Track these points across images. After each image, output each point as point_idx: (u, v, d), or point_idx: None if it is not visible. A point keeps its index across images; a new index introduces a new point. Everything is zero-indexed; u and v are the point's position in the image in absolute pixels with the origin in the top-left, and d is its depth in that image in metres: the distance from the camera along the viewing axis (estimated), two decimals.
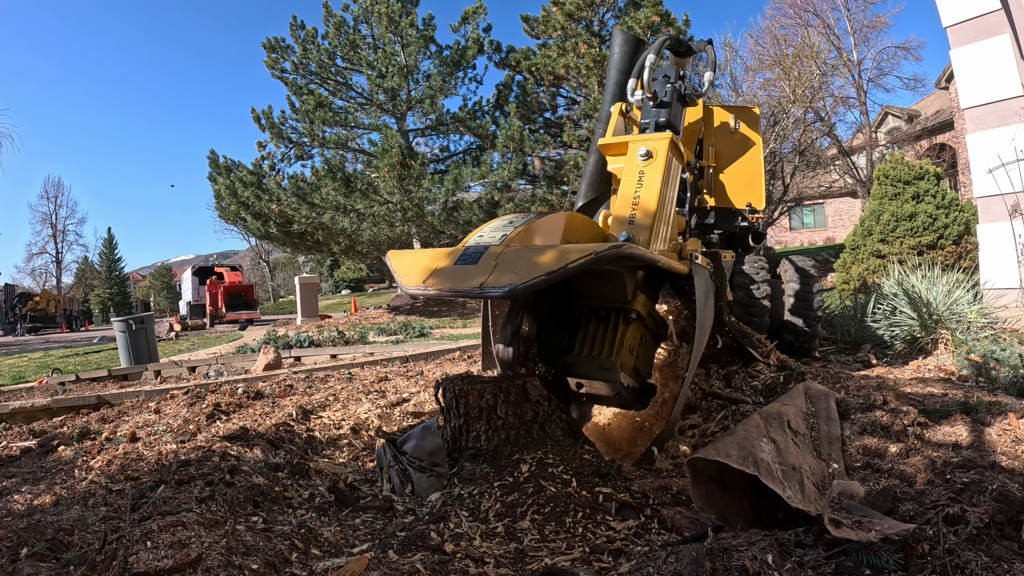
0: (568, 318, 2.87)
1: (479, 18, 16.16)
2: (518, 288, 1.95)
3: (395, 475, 2.58)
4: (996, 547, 1.44)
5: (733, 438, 1.95)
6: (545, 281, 1.95)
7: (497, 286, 1.99)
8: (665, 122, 3.24)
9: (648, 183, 2.81)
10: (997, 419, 2.74)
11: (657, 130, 3.20)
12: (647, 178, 2.83)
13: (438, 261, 2.27)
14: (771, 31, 23.15)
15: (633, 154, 2.95)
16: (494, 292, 2.00)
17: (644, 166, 2.88)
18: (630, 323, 2.68)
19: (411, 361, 6.10)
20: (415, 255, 2.42)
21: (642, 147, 2.93)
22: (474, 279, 2.07)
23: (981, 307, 4.64)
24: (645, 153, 2.90)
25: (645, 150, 2.91)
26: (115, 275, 53.16)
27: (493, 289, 1.99)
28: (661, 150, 2.91)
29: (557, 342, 2.86)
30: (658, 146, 2.93)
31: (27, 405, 4.64)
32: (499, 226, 2.46)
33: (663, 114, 3.27)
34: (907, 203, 7.30)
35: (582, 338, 2.77)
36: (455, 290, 2.11)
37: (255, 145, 16.46)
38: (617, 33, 4.03)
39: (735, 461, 1.81)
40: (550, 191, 15.27)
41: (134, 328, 8.93)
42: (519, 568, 1.85)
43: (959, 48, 6.85)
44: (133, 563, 1.56)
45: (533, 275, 1.95)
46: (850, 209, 27.30)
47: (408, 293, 2.28)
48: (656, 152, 2.90)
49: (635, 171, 2.90)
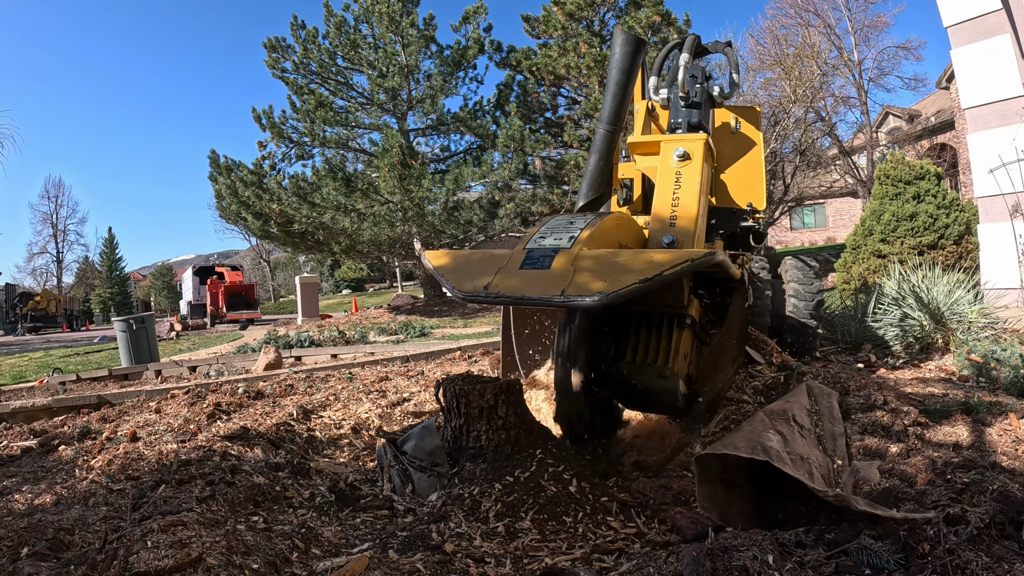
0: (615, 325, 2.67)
1: (480, 18, 16.15)
2: (610, 297, 1.82)
3: (395, 475, 2.58)
4: (996, 547, 1.44)
5: (740, 433, 1.95)
6: (639, 289, 1.84)
7: (584, 294, 1.85)
8: (697, 123, 3.20)
9: (687, 185, 2.77)
10: (998, 419, 2.74)
11: (690, 130, 3.16)
12: (685, 180, 2.79)
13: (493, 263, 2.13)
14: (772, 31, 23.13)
15: (667, 154, 2.91)
16: (582, 301, 1.86)
17: (681, 167, 2.84)
18: (683, 328, 2.55)
19: (412, 361, 6.10)
20: (460, 256, 2.29)
21: (679, 148, 2.89)
22: (551, 285, 1.93)
23: (982, 307, 4.64)
24: (682, 154, 2.86)
25: (682, 151, 2.87)
26: (116, 275, 53.16)
27: (580, 298, 1.86)
28: (697, 151, 2.88)
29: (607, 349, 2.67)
30: (694, 147, 2.90)
31: (28, 405, 4.64)
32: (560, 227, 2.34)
33: (695, 115, 3.23)
34: (908, 203, 7.29)
35: (635, 345, 2.59)
36: (528, 297, 1.95)
37: (256, 145, 16.45)
38: (618, 33, 4.02)
39: (743, 451, 1.81)
40: (551, 191, 15.26)
41: (135, 328, 8.93)
42: (519, 568, 1.85)
43: (960, 48, 6.84)
44: (134, 562, 1.57)
45: (626, 283, 1.83)
46: (851, 209, 27.29)
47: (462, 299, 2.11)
48: (693, 153, 2.87)
49: (671, 172, 2.85)
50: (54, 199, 48.69)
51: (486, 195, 15.30)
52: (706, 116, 3.30)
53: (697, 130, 3.14)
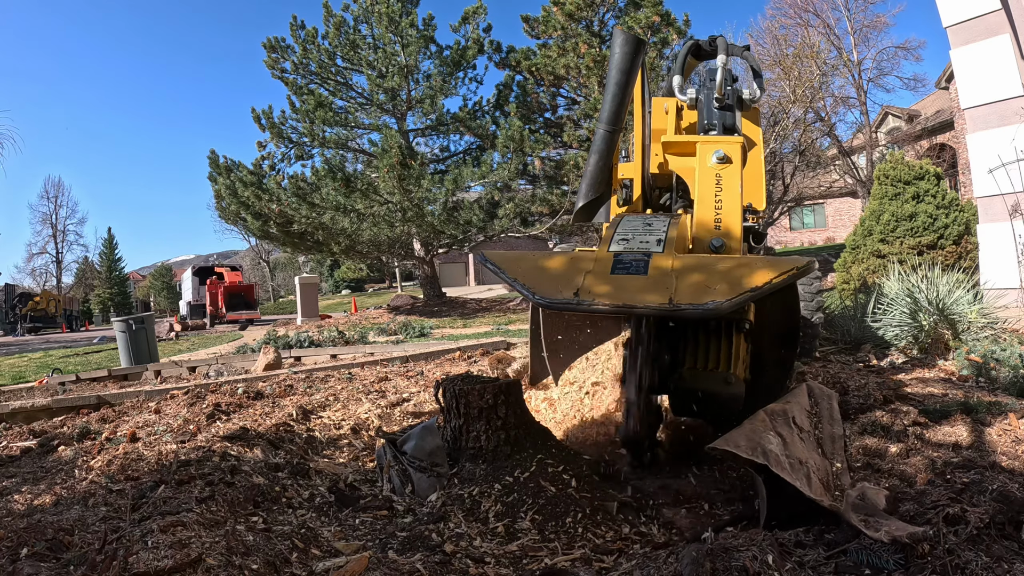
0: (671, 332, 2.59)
1: (479, 18, 16.15)
2: (724, 306, 1.77)
3: (395, 475, 2.58)
4: (996, 547, 1.44)
5: (741, 431, 1.95)
6: (751, 298, 1.81)
7: (696, 303, 1.79)
8: (732, 125, 3.20)
9: (728, 187, 2.77)
10: (997, 419, 2.74)
11: (725, 133, 3.15)
12: (726, 183, 2.79)
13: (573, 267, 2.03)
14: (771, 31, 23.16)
15: (705, 156, 2.90)
16: (694, 310, 1.80)
17: (720, 169, 2.84)
18: (741, 332, 2.50)
19: (411, 361, 6.10)
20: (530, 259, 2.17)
21: (719, 150, 2.89)
22: (655, 293, 1.85)
23: (981, 307, 4.64)
24: (722, 157, 2.86)
25: (722, 154, 2.86)
26: (115, 275, 53.15)
27: (691, 307, 1.79)
28: (736, 155, 2.88)
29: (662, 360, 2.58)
30: (733, 150, 2.90)
31: (27, 405, 4.64)
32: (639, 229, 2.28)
33: (729, 117, 3.22)
34: (907, 203, 7.30)
35: (693, 352, 2.54)
36: (632, 306, 1.84)
37: (255, 145, 16.47)
38: (618, 33, 4.01)
39: (744, 451, 1.81)
40: (550, 191, 15.26)
41: (134, 328, 8.93)
42: (519, 568, 1.85)
43: (959, 48, 6.85)
44: (133, 563, 1.56)
45: (737, 292, 1.78)
46: (850, 209, 27.30)
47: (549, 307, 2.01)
48: (732, 156, 2.87)
49: (711, 174, 2.84)
50: (53, 199, 48.73)
51: (486, 195, 15.30)
52: (739, 118, 3.30)
53: (732, 132, 3.13)
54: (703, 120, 3.33)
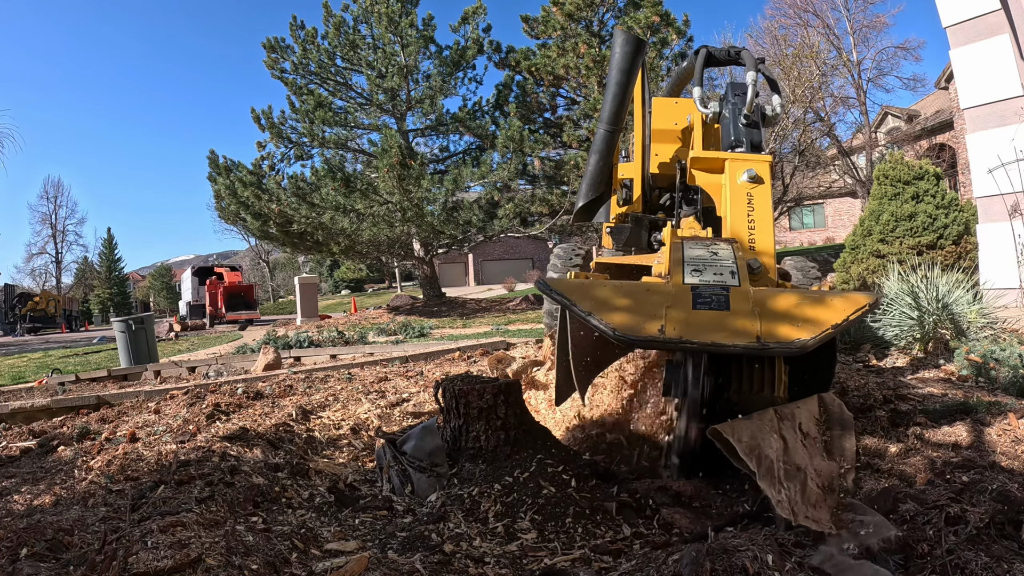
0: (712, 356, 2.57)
1: (479, 18, 16.16)
2: (811, 343, 1.77)
3: (395, 475, 2.58)
4: (996, 547, 1.44)
5: (748, 423, 1.94)
6: (833, 335, 1.81)
7: (784, 341, 1.80)
8: (759, 142, 3.17)
9: (760, 207, 2.76)
10: (997, 419, 2.74)
11: (752, 150, 3.11)
12: (758, 202, 2.78)
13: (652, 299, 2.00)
14: (771, 31, 23.20)
15: (735, 174, 2.88)
16: (781, 349, 1.82)
17: (751, 188, 2.82)
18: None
19: (411, 361, 6.10)
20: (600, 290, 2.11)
21: (751, 169, 2.87)
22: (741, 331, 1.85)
23: (981, 307, 4.64)
24: (754, 176, 2.84)
25: (754, 173, 2.85)
26: (115, 275, 53.16)
27: (778, 345, 1.81)
28: (767, 174, 2.87)
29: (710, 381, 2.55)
30: (763, 169, 2.88)
31: (27, 405, 4.63)
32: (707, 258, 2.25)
33: (757, 134, 3.18)
34: (907, 203, 7.29)
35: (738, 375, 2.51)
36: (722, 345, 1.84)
37: (255, 145, 16.48)
38: (618, 33, 4.01)
39: (742, 450, 1.81)
40: (550, 191, 15.27)
41: (134, 328, 8.93)
42: (519, 568, 1.85)
43: (959, 48, 6.85)
44: (133, 563, 1.56)
45: (821, 329, 1.80)
46: (850, 209, 27.32)
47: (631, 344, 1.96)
48: (764, 176, 2.86)
49: (742, 192, 2.82)
50: (53, 200, 48.75)
51: (485, 195, 15.30)
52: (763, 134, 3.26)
53: (759, 150, 3.11)
54: (728, 136, 3.29)
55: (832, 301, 1.93)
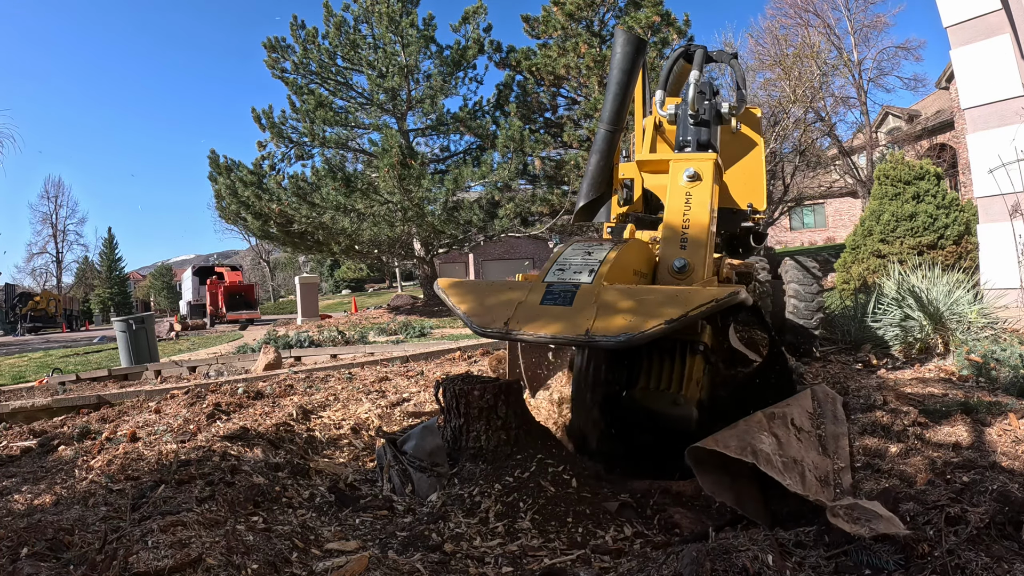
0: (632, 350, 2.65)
1: (479, 18, 16.14)
2: (635, 338, 1.82)
3: (395, 475, 2.58)
4: (996, 547, 1.44)
5: (733, 431, 1.95)
6: (665, 331, 1.83)
7: (609, 335, 1.85)
8: (707, 141, 3.16)
9: (697, 206, 2.75)
10: (997, 419, 2.74)
11: (699, 149, 3.11)
12: (695, 200, 2.77)
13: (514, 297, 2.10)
14: (771, 31, 23.16)
15: (678, 174, 2.88)
16: (607, 341, 1.87)
17: (691, 188, 2.82)
18: (696, 355, 2.54)
19: (411, 361, 6.10)
20: (476, 288, 2.26)
21: (689, 168, 2.86)
22: (575, 323, 1.91)
23: (981, 307, 4.64)
24: (693, 175, 2.84)
25: (693, 171, 2.85)
26: (115, 275, 53.15)
27: (604, 338, 1.86)
28: (708, 172, 2.86)
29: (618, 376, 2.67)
30: (705, 167, 2.87)
31: (27, 405, 4.64)
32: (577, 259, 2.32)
33: (704, 133, 3.19)
34: (907, 203, 7.30)
35: (647, 371, 2.58)
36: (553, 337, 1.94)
37: (255, 145, 16.46)
38: (619, 33, 4.01)
39: (733, 451, 1.81)
40: (550, 191, 15.25)
41: (134, 328, 8.93)
42: (519, 568, 1.85)
43: (959, 48, 6.84)
44: (133, 563, 1.56)
45: (651, 324, 1.82)
46: (850, 209, 27.29)
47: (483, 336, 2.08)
48: (704, 174, 2.85)
49: (681, 192, 2.83)
50: (54, 199, 48.69)
51: (486, 195, 15.29)
52: (714, 134, 3.25)
53: (706, 149, 3.09)
54: (679, 136, 3.29)
55: (678, 298, 1.95)
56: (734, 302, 1.97)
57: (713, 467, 1.93)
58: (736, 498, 1.90)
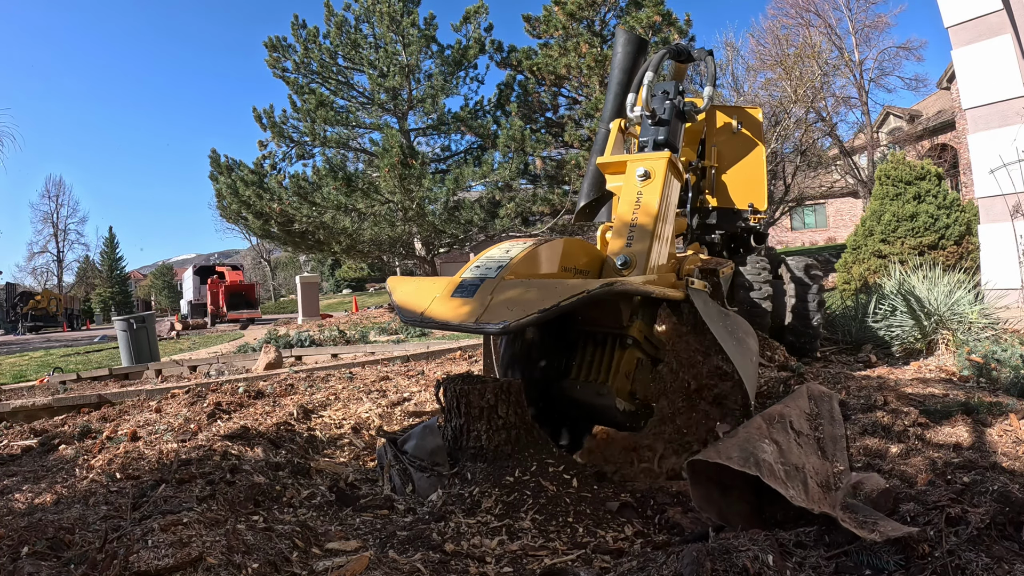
0: (568, 342, 2.87)
1: (480, 18, 16.15)
2: (511, 326, 1.97)
3: (396, 474, 2.58)
4: (997, 548, 1.44)
5: (734, 440, 1.95)
6: (538, 319, 1.97)
7: (492, 322, 2.02)
8: (664, 140, 3.21)
9: (646, 204, 2.82)
10: (998, 420, 2.74)
11: (655, 149, 3.16)
12: (644, 199, 2.84)
13: (436, 291, 2.27)
14: (772, 31, 23.15)
15: (631, 174, 2.95)
16: (489, 328, 2.05)
17: (642, 187, 2.88)
18: (626, 348, 2.69)
19: (412, 360, 6.10)
20: (415, 283, 2.44)
21: (640, 167, 2.93)
22: (469, 313, 2.10)
23: (982, 308, 4.64)
24: (643, 174, 2.90)
25: (643, 170, 2.91)
26: (116, 274, 53.18)
27: (488, 325, 2.03)
28: (659, 170, 2.90)
29: (557, 365, 2.86)
30: (656, 166, 2.92)
31: (28, 404, 4.64)
32: (496, 256, 2.47)
33: (661, 132, 3.24)
34: (908, 203, 7.29)
35: (579, 363, 2.77)
36: (449, 323, 2.12)
37: (256, 144, 16.48)
38: (620, 32, 4.02)
39: (736, 463, 1.80)
40: (551, 191, 15.25)
41: (135, 327, 8.93)
42: (520, 568, 1.85)
43: (961, 48, 6.84)
44: (134, 562, 1.56)
45: (526, 313, 1.98)
46: (851, 209, 27.28)
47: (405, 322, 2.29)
48: (654, 173, 2.90)
49: (633, 192, 2.90)
50: (55, 198, 48.78)
51: (487, 195, 15.30)
52: (675, 133, 3.29)
53: (663, 148, 3.15)
54: (640, 138, 3.35)
55: (560, 288, 2.07)
56: (607, 293, 2.09)
57: (707, 478, 1.93)
58: (720, 512, 1.90)
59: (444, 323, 2.13)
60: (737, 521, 1.87)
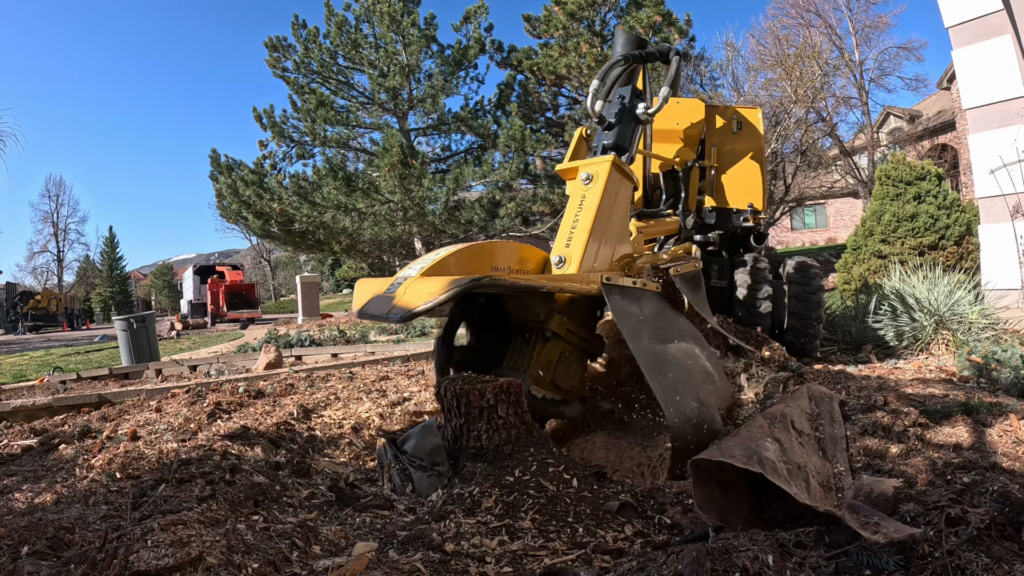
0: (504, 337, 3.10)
1: (481, 17, 16.16)
2: (405, 315, 2.28)
3: (396, 474, 2.58)
4: (997, 548, 1.44)
5: (737, 439, 1.95)
6: (425, 311, 2.25)
7: (395, 314, 2.32)
8: (612, 144, 3.29)
9: (587, 207, 2.93)
10: (998, 420, 2.74)
11: (603, 153, 3.26)
12: (587, 202, 2.95)
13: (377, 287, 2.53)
14: (773, 31, 23.12)
15: (578, 178, 3.07)
16: (393, 318, 2.33)
17: (585, 190, 3.00)
18: (547, 341, 2.87)
19: (412, 360, 6.10)
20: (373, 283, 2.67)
21: (584, 172, 3.05)
22: (386, 306, 2.38)
23: (982, 308, 4.63)
24: (587, 177, 3.03)
25: (587, 174, 3.04)
26: (116, 274, 53.20)
27: (393, 315, 2.32)
28: (602, 173, 3.00)
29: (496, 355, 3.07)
30: (599, 170, 3.02)
31: (28, 403, 4.64)
32: (426, 258, 2.72)
33: (608, 136, 3.34)
34: (908, 203, 7.29)
35: (510, 354, 2.98)
36: (373, 314, 2.43)
37: (256, 144, 16.49)
38: (620, 32, 4.02)
39: (739, 460, 1.81)
40: (551, 191, 15.26)
41: (135, 327, 8.93)
42: (520, 568, 1.85)
43: (961, 48, 6.84)
44: (134, 561, 1.56)
45: (416, 305, 2.27)
46: (852, 209, 27.28)
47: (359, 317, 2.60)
48: (597, 176, 3.01)
49: (578, 195, 3.02)
50: (55, 198, 48.79)
51: (487, 195, 15.31)
52: (624, 135, 3.35)
53: (609, 152, 3.24)
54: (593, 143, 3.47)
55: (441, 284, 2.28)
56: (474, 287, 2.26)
57: (710, 477, 1.93)
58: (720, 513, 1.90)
59: (374, 316, 2.43)
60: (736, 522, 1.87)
